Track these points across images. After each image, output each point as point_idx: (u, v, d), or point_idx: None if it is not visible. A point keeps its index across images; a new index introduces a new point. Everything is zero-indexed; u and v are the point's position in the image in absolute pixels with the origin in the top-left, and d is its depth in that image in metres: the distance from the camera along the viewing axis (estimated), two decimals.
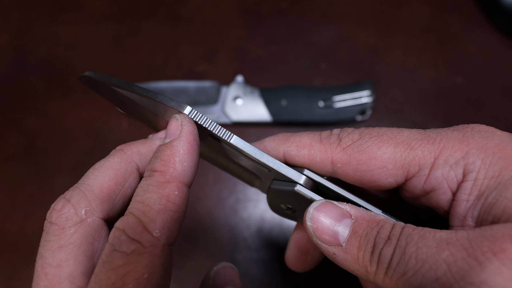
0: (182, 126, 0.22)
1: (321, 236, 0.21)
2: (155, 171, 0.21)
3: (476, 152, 0.20)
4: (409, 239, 0.18)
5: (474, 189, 0.19)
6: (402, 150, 0.21)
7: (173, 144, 0.21)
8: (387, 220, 0.20)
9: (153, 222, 0.20)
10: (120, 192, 0.24)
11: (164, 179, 0.21)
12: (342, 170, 0.23)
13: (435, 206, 0.22)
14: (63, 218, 0.22)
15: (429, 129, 0.22)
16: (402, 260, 0.18)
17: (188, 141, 0.22)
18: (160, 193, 0.20)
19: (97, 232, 0.23)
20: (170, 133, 0.22)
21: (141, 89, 0.23)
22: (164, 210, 0.20)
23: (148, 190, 0.20)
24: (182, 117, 0.22)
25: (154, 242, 0.20)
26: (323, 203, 0.22)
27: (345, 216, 0.21)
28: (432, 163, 0.20)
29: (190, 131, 0.22)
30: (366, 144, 0.22)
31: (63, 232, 0.21)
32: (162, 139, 0.27)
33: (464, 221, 0.20)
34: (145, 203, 0.20)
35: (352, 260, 0.20)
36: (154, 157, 0.22)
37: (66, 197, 0.22)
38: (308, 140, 0.24)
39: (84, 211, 0.22)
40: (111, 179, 0.24)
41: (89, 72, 0.25)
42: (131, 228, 0.20)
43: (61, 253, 0.21)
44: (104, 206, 0.23)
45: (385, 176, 0.22)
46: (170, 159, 0.21)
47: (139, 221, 0.20)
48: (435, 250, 0.17)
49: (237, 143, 0.23)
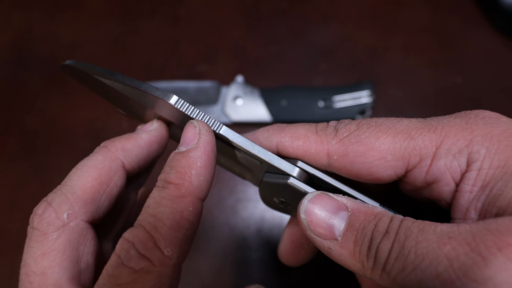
0: (200, 135, 0.20)
1: (316, 229, 0.20)
2: (169, 182, 0.20)
3: (481, 140, 0.18)
4: (408, 233, 0.17)
5: (478, 180, 0.18)
6: (401, 140, 0.20)
7: (190, 155, 0.20)
8: (385, 213, 0.19)
9: (165, 240, 0.19)
10: (105, 192, 0.23)
11: (179, 193, 0.19)
12: (338, 162, 0.21)
13: (438, 198, 0.20)
14: (45, 223, 0.21)
15: (430, 117, 0.21)
16: (401, 255, 0.17)
17: (206, 153, 0.20)
18: (174, 208, 0.19)
19: (81, 235, 0.22)
20: (186, 141, 0.21)
21: (125, 77, 0.22)
22: (177, 227, 0.19)
23: (161, 203, 0.19)
24: (201, 124, 0.21)
25: (164, 261, 0.18)
26: (318, 195, 0.21)
27: (341, 209, 0.20)
28: (434, 152, 0.19)
29: (209, 141, 0.21)
30: (363, 134, 0.21)
31: (45, 238, 0.21)
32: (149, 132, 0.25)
33: (467, 214, 0.19)
34: (157, 217, 0.19)
35: (348, 255, 0.19)
36: (168, 166, 0.20)
37: (48, 200, 0.21)
38: (304, 131, 0.23)
39: (66, 215, 0.21)
40: (94, 179, 0.23)
41: (70, 61, 0.23)
42: (141, 243, 0.18)
43: (44, 260, 0.20)
44: (88, 208, 0.22)
45: (384, 168, 0.20)
46: (186, 172, 0.20)
47: (150, 237, 0.19)
48: (436, 244, 0.16)
49: (227, 133, 0.22)
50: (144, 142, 0.25)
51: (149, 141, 0.25)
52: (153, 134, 0.25)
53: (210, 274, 0.44)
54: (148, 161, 0.26)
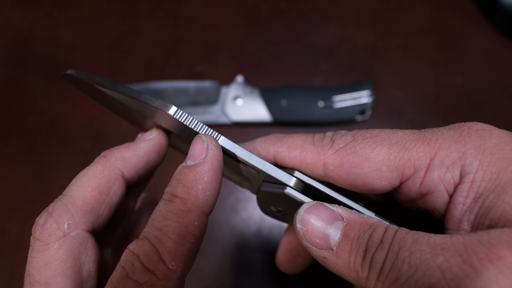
0: (208, 150, 0.21)
1: (311, 239, 0.20)
2: (176, 196, 0.20)
3: (474, 153, 0.19)
4: (402, 244, 0.17)
5: (471, 192, 0.19)
6: (396, 152, 0.20)
7: (197, 170, 0.20)
8: (380, 223, 0.19)
9: (169, 253, 0.19)
10: (105, 202, 0.23)
11: (185, 208, 0.20)
12: (334, 173, 0.22)
13: (432, 209, 0.21)
14: (46, 233, 0.21)
15: (425, 129, 0.21)
16: (395, 265, 0.17)
17: (214, 168, 0.21)
18: (180, 222, 0.20)
19: (82, 245, 0.22)
20: (194, 156, 0.21)
21: (125, 88, 0.22)
22: (182, 241, 0.19)
23: (167, 217, 0.20)
24: (209, 139, 0.21)
25: (168, 275, 0.19)
26: (314, 205, 0.21)
27: (336, 219, 0.20)
28: (428, 164, 0.20)
29: (216, 157, 0.21)
30: (359, 145, 0.21)
31: (47, 248, 0.21)
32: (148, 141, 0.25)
33: (460, 225, 0.19)
34: (163, 231, 0.19)
35: (343, 264, 0.19)
36: (176, 179, 0.21)
37: (49, 211, 0.22)
38: (300, 142, 0.23)
39: (67, 225, 0.22)
40: (94, 189, 0.23)
41: (72, 70, 0.24)
42: (146, 255, 0.19)
43: (47, 270, 0.21)
44: (88, 218, 0.22)
45: (379, 179, 0.21)
46: (193, 186, 0.20)
47: (155, 250, 0.19)
48: (429, 255, 0.16)
49: (225, 144, 0.22)
50: (143, 151, 0.25)
51: (148, 150, 0.25)
52: (152, 143, 0.26)
53: (210, 274, 0.44)
54: (147, 169, 0.26)
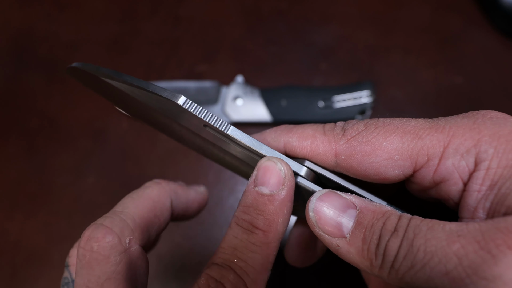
0: (285, 181, 0.21)
1: (324, 227, 0.20)
2: (257, 228, 0.21)
3: (489, 140, 0.18)
4: (417, 231, 0.17)
5: (487, 179, 0.18)
6: (409, 140, 0.20)
7: (278, 203, 0.21)
8: (393, 211, 0.19)
9: (255, 284, 0.20)
10: (157, 225, 0.24)
11: (267, 240, 0.21)
12: (346, 162, 0.21)
13: (445, 198, 0.20)
14: (108, 247, 0.21)
15: (437, 117, 0.21)
16: (410, 253, 0.17)
17: (291, 199, 0.21)
18: (263, 254, 0.20)
19: (139, 259, 0.22)
20: (270, 184, 0.21)
21: (132, 79, 0.21)
22: (264, 271, 0.20)
23: (250, 248, 0.20)
24: (286, 168, 0.21)
25: None
26: (326, 193, 0.21)
27: (349, 207, 0.20)
28: (442, 152, 0.19)
29: (293, 187, 0.21)
30: (371, 134, 0.21)
31: (108, 262, 0.21)
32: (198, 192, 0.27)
33: (475, 213, 0.19)
34: (248, 263, 0.20)
35: (356, 252, 0.19)
36: (255, 209, 0.21)
37: (106, 225, 0.22)
38: (311, 131, 0.23)
39: (128, 240, 0.22)
40: (150, 211, 0.24)
41: (77, 63, 0.23)
42: (233, 285, 0.20)
43: (110, 285, 0.21)
44: (143, 236, 0.23)
45: (392, 168, 0.20)
46: (274, 220, 0.21)
47: (242, 281, 0.20)
48: (445, 242, 0.16)
49: (235, 134, 0.22)
50: (191, 197, 0.27)
51: (194, 199, 0.27)
52: (200, 196, 0.28)
53: None
54: (182, 214, 0.27)
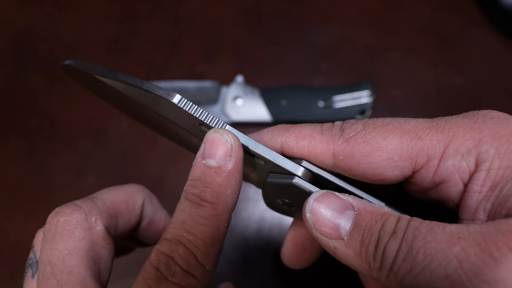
0: (232, 152, 0.20)
1: (321, 228, 0.20)
2: (206, 201, 0.20)
3: (490, 140, 0.18)
4: (417, 233, 0.17)
5: (488, 180, 0.18)
6: (409, 140, 0.20)
7: (225, 174, 0.20)
8: (392, 213, 0.19)
9: (206, 256, 0.20)
10: (126, 217, 0.25)
11: (216, 212, 0.20)
12: (344, 163, 0.21)
13: (445, 199, 0.20)
14: (73, 221, 0.21)
15: (437, 117, 0.21)
16: (409, 255, 0.17)
17: (239, 170, 0.20)
18: (213, 227, 0.20)
19: (104, 240, 0.23)
20: (217, 156, 0.20)
21: (127, 77, 0.21)
22: (215, 243, 0.20)
23: (199, 221, 0.20)
24: (232, 139, 0.20)
25: (206, 275, 0.20)
26: (323, 194, 0.20)
27: (347, 208, 0.19)
28: (442, 152, 0.19)
29: (241, 158, 0.20)
30: (370, 134, 0.20)
31: (72, 237, 0.21)
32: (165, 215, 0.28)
33: (476, 215, 0.18)
34: (197, 236, 0.20)
35: (354, 254, 0.19)
36: (202, 181, 0.20)
37: (77, 203, 0.22)
38: (309, 131, 0.22)
39: (95, 219, 0.22)
40: (122, 201, 0.24)
41: (70, 61, 0.23)
42: (184, 260, 0.20)
43: (72, 260, 0.21)
44: (110, 221, 0.23)
45: (391, 169, 0.20)
46: (222, 192, 0.20)
47: (192, 254, 0.20)
48: (445, 245, 0.16)
49: None
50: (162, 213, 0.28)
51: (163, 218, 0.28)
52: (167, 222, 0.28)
53: None
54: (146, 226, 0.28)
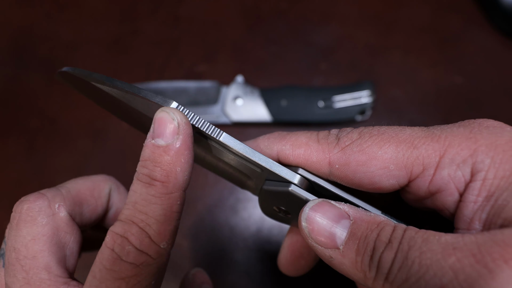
0: (180, 130, 0.20)
1: (317, 237, 0.20)
2: (155, 180, 0.20)
3: (485, 150, 0.18)
4: (412, 243, 0.17)
5: (483, 190, 0.18)
6: (404, 149, 0.20)
7: (173, 152, 0.20)
8: (388, 221, 0.19)
9: (159, 234, 0.20)
10: (92, 205, 0.25)
11: (167, 191, 0.20)
12: (340, 171, 0.21)
13: (441, 208, 0.20)
14: (36, 208, 0.22)
15: (433, 126, 0.21)
16: (404, 265, 0.17)
17: (188, 148, 0.20)
18: (164, 205, 0.20)
19: (68, 226, 0.23)
20: (165, 135, 0.20)
21: (124, 84, 0.21)
22: (168, 221, 0.20)
23: (150, 200, 0.20)
24: (179, 116, 0.20)
25: (161, 253, 0.20)
26: (319, 203, 0.20)
27: (343, 217, 0.20)
28: (437, 162, 0.19)
29: (190, 135, 0.20)
30: (366, 143, 0.20)
31: (35, 224, 0.22)
32: None
33: (471, 224, 0.18)
34: (149, 215, 0.20)
35: (350, 264, 0.19)
36: (151, 161, 0.20)
37: (41, 192, 0.23)
38: (305, 139, 0.22)
39: (58, 206, 0.23)
40: (87, 189, 0.25)
41: (67, 68, 0.23)
42: (137, 239, 0.20)
43: (35, 245, 0.22)
44: (75, 208, 0.24)
45: (386, 178, 0.20)
46: (171, 170, 0.20)
47: (145, 233, 0.20)
48: (440, 255, 0.16)
49: (227, 141, 0.22)
50: None
51: None
52: None
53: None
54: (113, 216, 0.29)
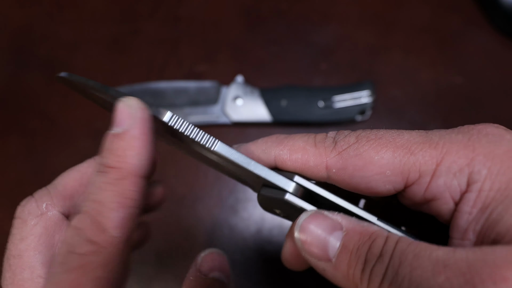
0: (134, 115, 0.20)
1: (310, 249, 0.20)
2: (109, 167, 0.20)
3: (483, 160, 0.18)
4: (403, 258, 0.17)
5: (478, 201, 0.18)
6: (401, 155, 0.19)
7: (128, 137, 0.20)
8: (380, 232, 0.19)
9: (109, 222, 0.19)
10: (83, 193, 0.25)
11: (120, 176, 0.20)
12: (337, 175, 0.21)
13: (436, 214, 0.20)
14: (26, 211, 0.24)
15: (432, 130, 0.21)
16: (395, 281, 0.17)
17: (144, 132, 0.20)
18: (116, 191, 0.19)
19: (57, 225, 0.24)
20: (121, 122, 0.20)
21: (117, 93, 0.21)
22: (120, 208, 0.19)
23: (103, 188, 0.20)
24: (134, 102, 0.20)
25: (111, 242, 0.19)
26: (312, 214, 0.20)
27: (335, 229, 0.19)
28: (434, 170, 0.19)
29: (145, 119, 0.20)
30: (363, 148, 0.20)
31: (25, 225, 0.23)
32: None
33: (465, 235, 0.18)
34: (101, 202, 0.19)
35: (342, 276, 0.19)
36: (106, 150, 0.20)
37: (33, 195, 0.24)
38: (302, 144, 0.22)
39: (45, 205, 0.24)
40: (75, 180, 0.26)
41: (64, 73, 0.24)
42: (87, 228, 0.19)
43: (22, 244, 0.23)
44: (65, 203, 0.24)
45: (383, 183, 0.20)
46: (126, 154, 0.20)
47: (95, 221, 0.19)
48: (430, 273, 0.16)
49: (222, 149, 0.22)
50: None
51: None
52: None
53: None
54: None
